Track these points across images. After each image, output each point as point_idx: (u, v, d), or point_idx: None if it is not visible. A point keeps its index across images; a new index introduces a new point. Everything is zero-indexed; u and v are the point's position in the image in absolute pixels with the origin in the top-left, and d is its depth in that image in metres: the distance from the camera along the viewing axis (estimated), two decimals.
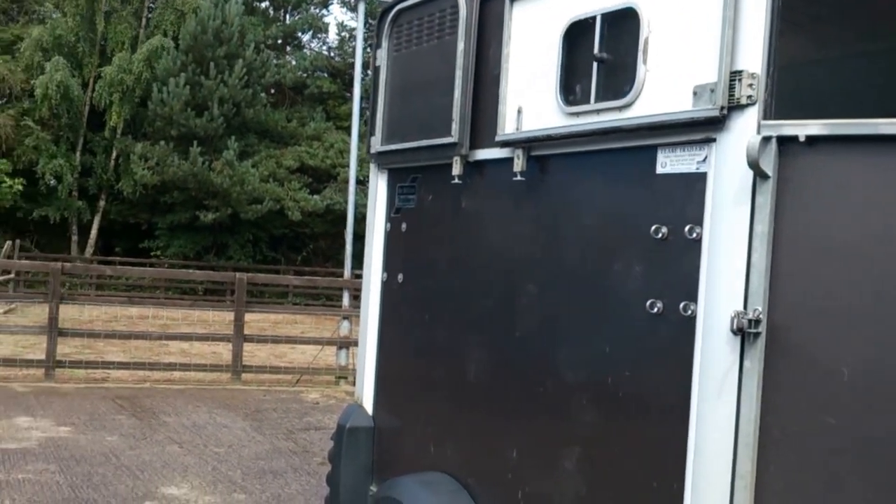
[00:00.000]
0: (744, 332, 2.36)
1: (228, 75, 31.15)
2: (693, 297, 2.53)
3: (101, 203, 33.83)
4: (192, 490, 6.93)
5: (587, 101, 2.88)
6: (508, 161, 3.20)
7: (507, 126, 3.20)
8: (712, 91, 2.46)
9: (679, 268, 2.58)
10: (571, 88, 2.97)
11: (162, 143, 30.94)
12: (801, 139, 2.32)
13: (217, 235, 33.16)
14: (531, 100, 3.12)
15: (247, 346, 13.37)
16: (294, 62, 38.60)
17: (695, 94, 2.52)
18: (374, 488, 4.00)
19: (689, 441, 2.52)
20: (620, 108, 2.75)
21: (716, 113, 2.45)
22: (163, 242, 33.25)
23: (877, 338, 2.19)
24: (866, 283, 2.21)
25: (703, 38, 2.50)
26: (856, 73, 3.49)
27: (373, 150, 4.09)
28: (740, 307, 2.38)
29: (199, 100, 30.98)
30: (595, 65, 2.85)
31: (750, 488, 2.36)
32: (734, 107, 2.43)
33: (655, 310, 2.64)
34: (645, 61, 2.68)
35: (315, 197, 32.77)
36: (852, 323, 2.24)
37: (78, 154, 33.12)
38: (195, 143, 30.31)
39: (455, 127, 3.44)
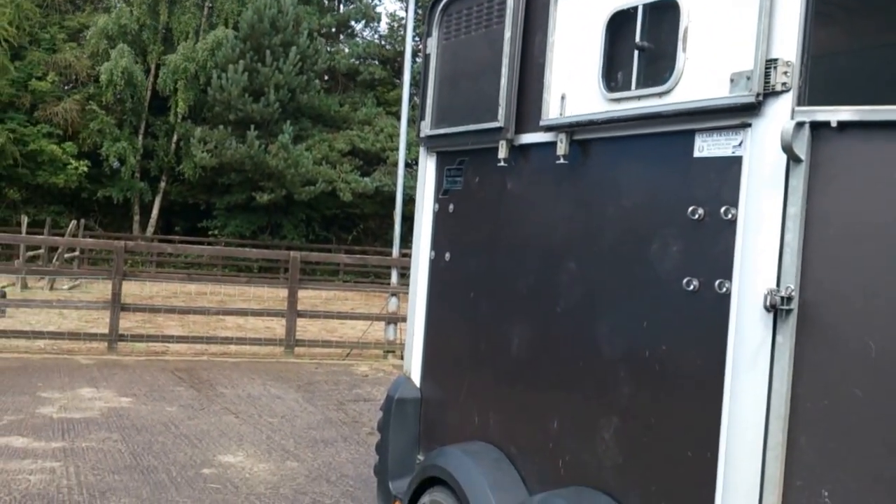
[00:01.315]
0: (776, 309, 2.46)
1: (283, 62, 31.74)
2: (728, 275, 2.63)
3: (162, 184, 34.72)
4: (247, 458, 7.19)
5: (628, 88, 2.99)
6: (552, 145, 3.33)
7: (552, 111, 3.32)
8: (748, 78, 2.55)
9: (715, 247, 2.68)
10: (613, 75, 3.07)
11: (220, 127, 31.67)
12: (833, 125, 2.40)
13: (272, 215, 33.78)
14: (574, 86, 3.23)
15: (299, 322, 13.73)
16: (347, 49, 39.03)
17: (731, 81, 2.61)
18: (420, 457, 4.17)
19: (723, 413, 2.63)
20: (660, 95, 2.86)
21: (752, 99, 2.54)
22: (220, 222, 33.98)
23: None
24: (891, 262, 2.30)
25: (740, 27, 2.59)
26: (883, 63, 3.53)
27: (422, 134, 4.24)
28: (773, 285, 2.48)
29: (256, 86, 31.61)
30: (636, 53, 2.95)
31: (781, 459, 2.46)
32: (769, 93, 2.52)
33: (692, 287, 2.75)
34: (684, 49, 2.78)
35: (365, 179, 33.15)
36: (879, 301, 2.32)
37: (140, 137, 34.04)
38: (252, 127, 30.93)
39: (501, 112, 3.57)
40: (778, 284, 2.47)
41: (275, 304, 16.35)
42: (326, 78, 37.32)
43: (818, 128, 2.42)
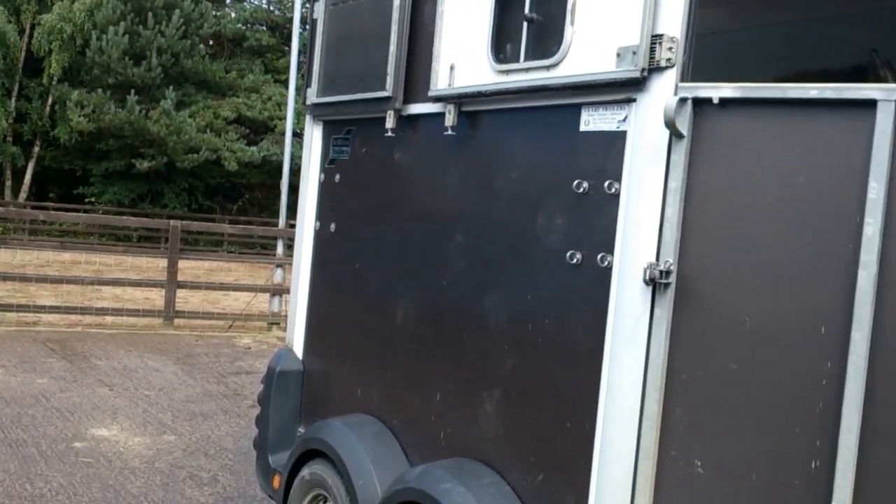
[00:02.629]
0: (655, 283, 2.50)
1: (166, 25, 30.63)
2: (610, 248, 2.66)
3: (36, 149, 32.96)
4: (121, 431, 6.96)
5: (517, 60, 2.97)
6: (440, 116, 3.29)
7: (440, 82, 3.28)
8: (634, 53, 2.57)
9: (598, 221, 2.71)
10: (502, 47, 3.05)
11: (99, 91, 30.30)
12: (715, 101, 2.44)
13: (152, 183, 32.68)
14: (464, 57, 3.20)
15: (180, 293, 13.34)
16: (233, 14, 37.87)
17: (618, 55, 2.63)
18: (301, 429, 4.11)
19: (602, 384, 2.67)
20: (548, 68, 2.85)
21: (636, 74, 2.56)
22: (98, 189, 32.62)
23: (777, 289, 2.35)
24: (769, 238, 2.36)
25: (627, 2, 2.60)
26: (763, 42, 3.64)
27: (308, 102, 4.13)
28: (653, 259, 2.52)
29: (137, 49, 30.40)
30: (525, 25, 2.93)
31: (656, 430, 2.51)
32: (654, 69, 2.54)
33: (575, 260, 2.77)
34: (572, 23, 2.78)
35: (252, 148, 32.42)
36: (755, 274, 2.38)
37: (13, 100, 32.16)
38: (132, 91, 29.75)
39: (389, 81, 3.50)
40: (657, 258, 2.51)
41: (154, 274, 15.80)
42: (212, 43, 36.16)
43: (700, 104, 2.46)
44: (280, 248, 14.69)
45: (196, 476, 6.03)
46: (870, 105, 2.18)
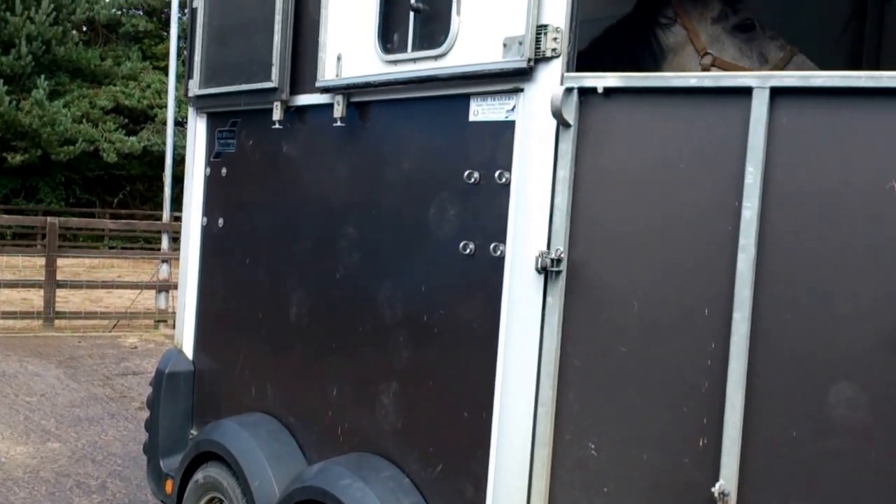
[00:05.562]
0: (547, 271, 2.54)
1: (36, 11, 29.21)
2: (502, 238, 2.68)
3: None
4: (2, 441, 6.64)
5: (405, 50, 2.95)
6: (329, 107, 3.24)
7: (328, 72, 3.23)
8: (520, 43, 2.59)
9: (490, 211, 2.73)
10: (390, 37, 3.03)
11: None
12: (600, 91, 2.49)
13: (26, 178, 31.16)
14: (351, 47, 3.16)
15: (60, 292, 12.77)
16: None
17: (504, 46, 2.64)
18: (194, 432, 4.00)
19: (497, 374, 2.69)
20: (436, 58, 2.85)
21: (523, 64, 2.58)
22: None
23: (663, 273, 2.41)
24: (654, 223, 2.42)
25: None
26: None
27: (191, 94, 4.01)
28: (544, 247, 2.55)
29: (5, 37, 28.92)
30: (412, 15, 2.92)
31: (551, 414, 2.55)
32: (540, 59, 2.57)
33: (468, 251, 2.78)
34: (459, 13, 2.78)
35: (132, 138, 31.28)
36: (641, 260, 2.44)
37: None
38: (1, 81, 28.26)
39: (275, 72, 3.43)
40: (548, 247, 2.55)
41: (32, 273, 15.09)
42: (85, 29, 34.69)
43: (586, 93, 2.50)
44: (165, 243, 14.23)
45: (84, 484, 5.81)
46: (745, 92, 2.26)
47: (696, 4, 3.30)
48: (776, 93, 2.23)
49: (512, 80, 2.64)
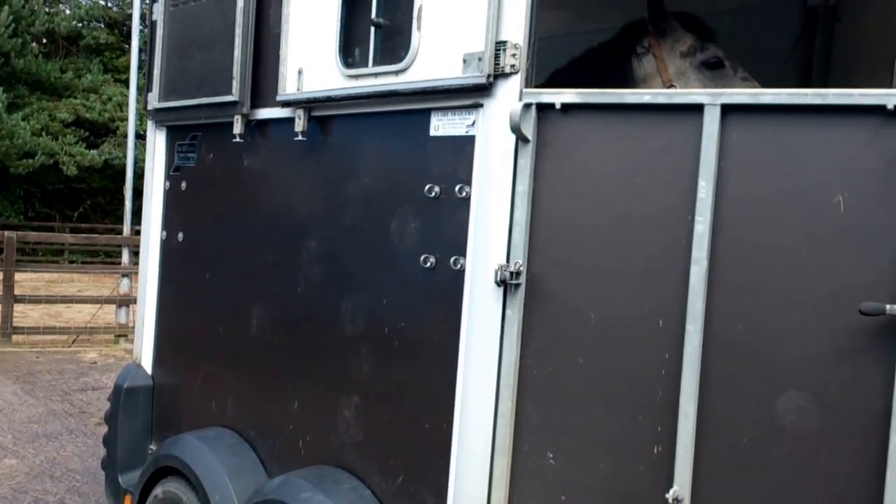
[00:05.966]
0: (506, 284, 2.57)
1: None
2: (462, 251, 2.72)
3: None
4: None
5: (366, 65, 2.98)
6: (290, 121, 3.26)
7: (289, 86, 3.25)
8: (480, 59, 2.63)
9: (450, 225, 2.76)
10: (351, 52, 3.05)
11: None
12: (558, 106, 2.53)
13: None
14: (312, 61, 3.18)
15: (17, 307, 12.55)
16: (68, 11, 35.95)
17: (464, 61, 2.68)
18: (153, 447, 3.97)
19: (458, 386, 2.72)
20: (396, 73, 2.88)
21: (483, 80, 2.62)
22: None
23: (618, 285, 2.46)
24: (610, 237, 2.47)
25: (472, 8, 2.66)
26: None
27: (150, 107, 4.00)
28: (503, 260, 2.59)
29: None
30: (373, 29, 2.95)
31: (510, 425, 2.58)
32: (499, 75, 2.61)
33: (429, 264, 2.80)
34: (419, 28, 2.81)
35: (92, 151, 30.93)
36: (598, 273, 2.49)
37: None
38: None
39: (236, 85, 3.44)
40: (508, 260, 2.58)
41: None
42: (45, 41, 34.30)
43: (544, 109, 2.54)
44: (126, 257, 14.05)
45: (41, 500, 5.72)
46: (698, 109, 2.32)
47: (669, 38, 3.36)
48: (727, 110, 2.29)
49: (472, 95, 2.68)
